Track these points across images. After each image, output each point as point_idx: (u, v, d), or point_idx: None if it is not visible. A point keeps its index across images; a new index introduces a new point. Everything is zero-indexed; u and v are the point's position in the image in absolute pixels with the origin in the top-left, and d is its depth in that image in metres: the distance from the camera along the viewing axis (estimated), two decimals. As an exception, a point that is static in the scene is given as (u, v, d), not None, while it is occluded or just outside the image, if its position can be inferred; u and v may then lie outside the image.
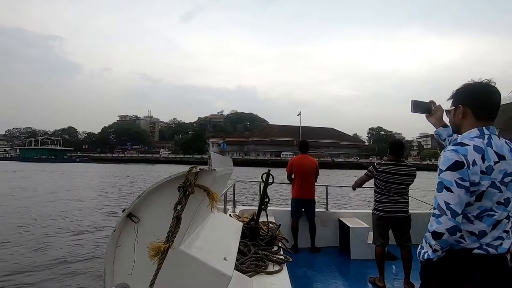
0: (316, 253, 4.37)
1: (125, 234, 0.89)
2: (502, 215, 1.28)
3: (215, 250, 1.07)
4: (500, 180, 1.27)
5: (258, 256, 2.53)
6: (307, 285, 3.34)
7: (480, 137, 1.32)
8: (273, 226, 3.43)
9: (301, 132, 54.91)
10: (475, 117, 1.37)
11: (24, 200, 12.68)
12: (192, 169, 0.87)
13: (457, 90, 1.45)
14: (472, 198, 1.26)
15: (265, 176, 3.17)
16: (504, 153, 1.30)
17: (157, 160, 76.02)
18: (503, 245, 1.27)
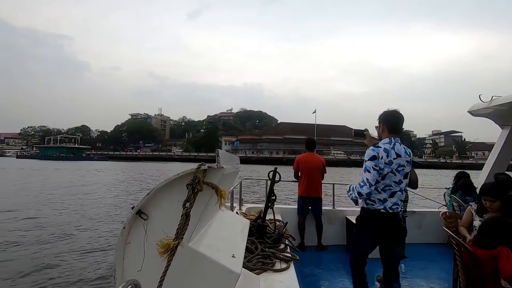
0: (323, 251, 4.34)
1: (134, 231, 0.89)
2: (396, 189, 2.27)
3: (223, 247, 1.06)
4: (395, 169, 2.25)
5: (265, 254, 2.52)
6: (314, 283, 3.31)
7: (388, 143, 2.30)
8: (279, 224, 3.41)
9: (316, 130, 54.14)
10: (388, 131, 2.35)
11: (57, 196, 12.86)
12: (201, 166, 0.86)
13: (380, 114, 2.43)
14: (379, 177, 2.24)
15: (272, 174, 3.15)
16: (401, 153, 2.28)
17: (170, 158, 76.24)
18: (398, 208, 2.29)
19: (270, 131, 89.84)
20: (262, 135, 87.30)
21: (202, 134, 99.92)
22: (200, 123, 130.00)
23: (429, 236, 4.63)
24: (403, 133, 2.57)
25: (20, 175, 24.43)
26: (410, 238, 4.41)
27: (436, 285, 3.34)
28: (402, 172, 2.27)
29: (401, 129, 2.39)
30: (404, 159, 2.29)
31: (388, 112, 2.40)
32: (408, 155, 2.33)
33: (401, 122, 2.39)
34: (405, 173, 2.30)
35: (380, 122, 2.41)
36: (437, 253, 4.29)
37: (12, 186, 16.37)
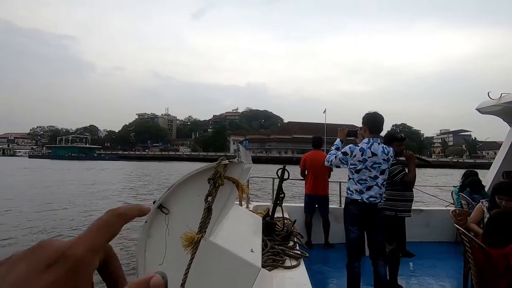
0: (330, 249, 4.31)
1: (155, 225, 0.89)
2: (373, 183, 2.55)
3: (242, 242, 1.06)
4: (370, 166, 2.54)
5: (275, 251, 2.51)
6: (323, 280, 3.30)
7: (367, 143, 2.59)
8: (287, 221, 3.40)
9: (326, 130, 53.49)
10: (369, 131, 2.63)
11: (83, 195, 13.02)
12: (221, 161, 0.86)
13: (363, 116, 2.69)
14: (353, 171, 2.60)
15: (281, 172, 3.14)
16: (377, 152, 2.55)
17: (179, 158, 75.55)
18: (375, 200, 2.56)
19: (279, 131, 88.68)
20: (270, 135, 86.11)
21: (210, 134, 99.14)
22: (206, 123, 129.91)
23: (437, 234, 4.58)
24: (412, 133, 2.69)
25: (49, 174, 24.64)
26: (418, 237, 4.38)
27: (446, 283, 3.30)
28: (378, 169, 2.55)
29: (380, 129, 2.66)
30: (381, 157, 2.55)
31: (369, 114, 2.66)
32: (386, 154, 2.57)
33: (381, 122, 2.65)
34: (381, 170, 2.56)
35: (362, 123, 2.68)
36: (445, 251, 4.24)
37: (48, 184, 16.59)
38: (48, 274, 0.21)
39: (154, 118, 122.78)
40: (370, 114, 2.66)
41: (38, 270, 0.21)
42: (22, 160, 62.57)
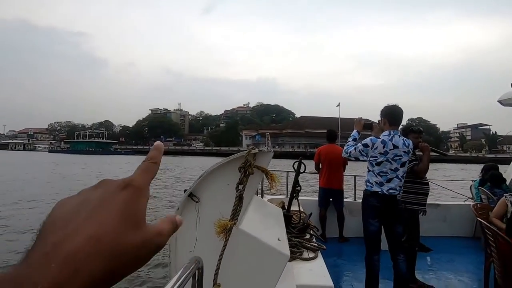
0: (344, 243, 4.29)
1: (186, 213, 0.90)
2: (393, 175, 2.54)
3: (268, 230, 1.06)
4: (391, 158, 2.52)
5: (292, 243, 2.51)
6: (339, 273, 3.29)
7: (387, 135, 2.58)
8: (303, 214, 3.40)
9: (339, 124, 52.38)
10: (389, 124, 2.61)
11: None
12: (251, 150, 0.86)
13: (382, 109, 2.68)
14: (374, 163, 2.57)
15: (297, 165, 3.13)
16: (398, 145, 2.54)
17: (193, 152, 75.88)
18: (395, 192, 2.54)
19: (291, 125, 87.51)
20: (283, 129, 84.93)
21: (223, 129, 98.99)
22: (218, 118, 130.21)
23: (455, 229, 4.48)
24: (429, 127, 2.66)
25: (78, 169, 25.34)
26: (435, 231, 4.29)
27: (465, 277, 3.23)
28: (399, 161, 2.55)
29: (400, 122, 2.66)
30: (402, 150, 2.54)
31: (389, 107, 2.66)
32: (406, 146, 2.57)
33: (401, 115, 2.66)
34: (402, 162, 2.56)
35: (382, 116, 2.67)
36: (463, 246, 4.15)
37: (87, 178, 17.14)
38: (123, 193, 0.27)
39: (167, 113, 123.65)
40: (389, 106, 2.66)
41: (115, 191, 0.28)
42: (44, 154, 64.56)
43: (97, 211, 0.26)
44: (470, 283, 3.13)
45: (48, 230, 0.24)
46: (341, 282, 3.07)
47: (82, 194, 0.28)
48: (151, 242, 0.27)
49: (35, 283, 0.21)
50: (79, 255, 0.23)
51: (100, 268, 0.23)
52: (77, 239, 0.23)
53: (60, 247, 0.23)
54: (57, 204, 0.27)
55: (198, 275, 0.68)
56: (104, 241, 0.24)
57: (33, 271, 0.21)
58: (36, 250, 0.23)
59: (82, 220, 0.25)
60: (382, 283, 2.69)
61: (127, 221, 0.26)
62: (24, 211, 8.26)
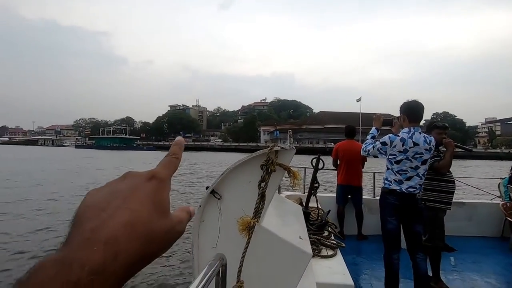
0: (363, 241, 4.21)
1: (208, 210, 0.91)
2: (413, 173, 2.45)
3: (289, 228, 1.05)
4: (412, 156, 2.43)
5: (311, 240, 2.48)
6: (358, 271, 3.24)
7: (407, 132, 2.47)
8: (321, 211, 3.36)
9: (361, 119, 50.60)
10: (408, 121, 2.50)
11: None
12: (273, 147, 0.85)
13: (401, 105, 2.57)
14: (393, 162, 2.49)
15: (315, 161, 3.08)
16: (419, 142, 2.42)
17: (212, 148, 75.97)
18: (415, 191, 2.46)
19: (310, 121, 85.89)
20: (301, 125, 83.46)
21: (241, 124, 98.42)
22: (235, 113, 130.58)
23: (481, 228, 4.27)
24: (455, 122, 2.55)
25: (110, 163, 26.39)
26: (460, 231, 4.11)
27: (492, 279, 3.08)
28: (420, 159, 2.45)
29: (420, 118, 2.55)
30: (423, 147, 2.44)
31: (408, 103, 2.55)
32: (428, 143, 2.46)
33: (421, 111, 2.54)
34: (423, 160, 2.46)
35: (401, 112, 2.57)
36: (490, 247, 3.95)
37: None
38: (150, 183, 0.30)
39: (185, 110, 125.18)
40: (409, 102, 2.56)
41: (142, 181, 0.30)
42: (71, 150, 67.38)
43: (128, 200, 0.28)
44: (497, 285, 2.98)
45: (83, 218, 0.26)
46: (360, 281, 3.01)
47: (110, 185, 0.30)
48: (175, 229, 0.31)
49: (83, 264, 0.23)
50: (118, 239, 0.25)
51: (135, 251, 0.26)
52: (114, 225, 0.25)
53: (98, 233, 0.25)
54: (87, 195, 0.29)
55: (222, 272, 0.68)
56: (138, 227, 0.27)
57: (78, 254, 0.23)
58: (75, 236, 0.25)
59: (115, 208, 0.27)
60: (403, 282, 2.62)
61: (156, 209, 0.29)
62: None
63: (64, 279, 0.22)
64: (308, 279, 1.37)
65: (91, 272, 0.23)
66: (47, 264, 0.22)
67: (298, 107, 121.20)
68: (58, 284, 0.21)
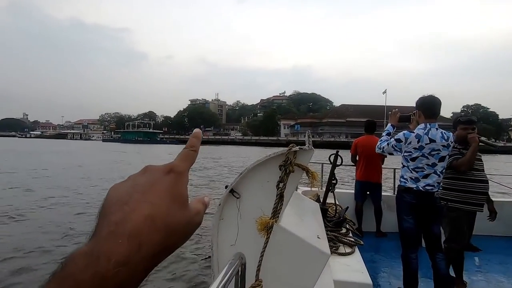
0: (382, 238, 4.12)
1: (227, 209, 0.92)
2: (430, 171, 2.35)
3: (307, 227, 1.05)
4: (428, 153, 2.33)
5: (328, 237, 2.46)
6: (376, 269, 3.18)
7: (423, 128, 2.38)
8: (339, 208, 3.31)
9: (386, 112, 48.86)
10: (424, 116, 2.41)
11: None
12: (292, 148, 0.84)
13: (416, 101, 2.49)
14: (408, 159, 2.40)
15: (333, 157, 3.03)
16: (436, 139, 2.33)
17: (232, 142, 75.28)
18: (432, 189, 2.35)
19: (331, 114, 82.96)
20: (322, 118, 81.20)
21: (261, 118, 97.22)
22: (254, 107, 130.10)
23: (509, 228, 4.05)
24: (488, 114, 2.42)
25: (139, 156, 27.39)
26: (485, 230, 3.91)
27: None
28: (437, 156, 2.35)
29: (437, 114, 2.45)
30: (440, 144, 2.34)
31: (423, 98, 2.46)
32: (445, 140, 2.36)
33: (437, 106, 2.44)
34: (441, 157, 2.36)
35: (416, 108, 2.48)
36: None
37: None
38: (168, 177, 0.30)
39: (205, 104, 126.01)
40: (424, 97, 2.47)
41: (161, 175, 0.30)
42: (99, 143, 69.91)
43: (148, 193, 0.29)
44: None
45: (108, 211, 0.27)
46: (378, 279, 2.96)
47: (131, 179, 0.31)
48: (194, 220, 0.31)
49: (109, 257, 0.24)
50: (141, 232, 0.26)
51: (157, 243, 0.27)
52: (136, 219, 0.26)
53: (122, 226, 0.26)
54: (110, 189, 0.30)
55: (241, 271, 0.69)
56: (158, 220, 0.27)
57: (104, 247, 0.24)
58: (101, 228, 0.26)
59: (136, 202, 0.27)
60: (424, 282, 2.55)
61: (175, 202, 0.29)
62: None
63: (93, 271, 0.23)
64: (326, 277, 1.36)
65: (117, 264, 0.24)
66: (77, 257, 0.24)
67: (317, 100, 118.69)
68: (88, 276, 0.23)
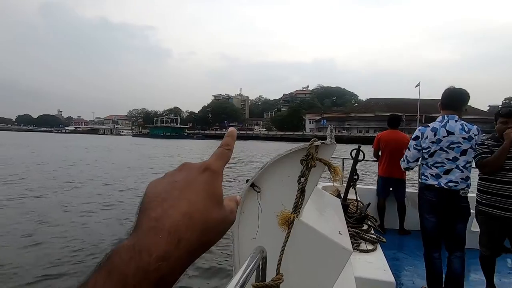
0: (405, 236, 3.96)
1: (248, 202, 0.91)
2: (452, 166, 2.19)
3: (328, 223, 1.02)
4: (446, 146, 2.20)
5: (349, 234, 2.41)
6: (399, 267, 3.07)
7: (440, 121, 2.28)
8: (360, 204, 3.22)
9: (419, 106, 46.33)
10: (441, 107, 2.33)
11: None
12: (313, 142, 0.81)
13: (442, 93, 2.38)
14: (427, 155, 2.28)
15: (355, 153, 2.94)
16: (454, 131, 2.19)
17: (257, 137, 75.14)
18: (456, 186, 2.18)
19: (359, 108, 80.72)
20: (349, 113, 78.88)
21: (285, 113, 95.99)
22: (277, 102, 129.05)
23: None
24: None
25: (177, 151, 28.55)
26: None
27: None
28: (457, 149, 2.20)
29: (459, 106, 2.29)
30: (460, 136, 2.20)
31: (447, 90, 2.35)
32: (466, 132, 2.20)
33: (459, 98, 2.30)
34: (462, 150, 2.20)
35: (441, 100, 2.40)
36: None
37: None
38: (204, 175, 0.31)
39: (228, 99, 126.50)
40: (448, 89, 2.36)
41: (197, 173, 0.31)
42: (130, 138, 72.42)
43: (186, 191, 0.29)
44: None
45: (147, 207, 0.28)
46: (401, 277, 2.85)
47: (169, 176, 0.31)
48: (228, 218, 0.32)
49: (150, 251, 0.24)
50: (179, 228, 0.26)
51: (195, 239, 0.27)
52: (174, 215, 0.27)
53: (161, 222, 0.26)
54: (149, 185, 0.30)
55: (262, 265, 0.68)
56: (196, 217, 0.28)
57: (145, 241, 0.25)
58: (142, 224, 0.27)
59: (174, 199, 0.28)
60: None
61: (211, 199, 0.30)
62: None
63: (136, 265, 0.24)
64: (347, 273, 1.33)
65: (158, 258, 0.24)
66: (121, 250, 0.24)
67: (342, 94, 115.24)
68: (132, 268, 0.23)
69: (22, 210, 6.28)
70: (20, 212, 6.12)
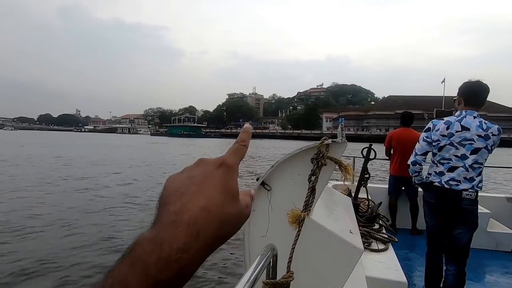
0: (417, 236, 3.86)
1: (258, 201, 0.91)
2: (458, 164, 2.00)
3: (339, 222, 1.01)
4: (458, 142, 2.01)
5: (360, 233, 2.37)
6: (411, 267, 2.99)
7: (457, 116, 2.08)
8: (372, 203, 3.16)
9: (444, 103, 44.98)
10: (464, 104, 2.11)
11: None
12: (324, 141, 0.80)
13: (459, 86, 2.15)
14: (436, 149, 2.10)
15: (366, 151, 2.89)
16: (470, 127, 2.00)
17: (273, 136, 73.83)
18: (458, 186, 2.00)
19: (378, 106, 78.88)
20: (367, 111, 76.82)
21: (301, 111, 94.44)
22: (291, 100, 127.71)
23: None
24: None
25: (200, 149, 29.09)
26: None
27: None
28: (469, 147, 2.00)
29: (481, 102, 2.11)
30: (475, 133, 1.99)
31: (467, 84, 2.15)
32: (483, 130, 1.99)
33: (481, 94, 2.10)
34: (474, 148, 1.99)
35: (458, 94, 2.17)
36: None
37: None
38: (220, 170, 0.31)
39: (243, 97, 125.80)
40: (468, 83, 2.13)
41: (213, 168, 0.31)
42: (148, 137, 72.83)
43: (203, 186, 0.30)
44: None
45: (167, 201, 0.28)
46: (413, 278, 2.78)
47: (186, 171, 0.32)
48: (244, 212, 0.32)
49: (170, 243, 0.25)
50: (198, 222, 0.27)
51: (213, 232, 0.28)
52: (193, 209, 0.27)
53: (181, 215, 0.27)
54: (168, 179, 0.31)
55: (273, 262, 0.68)
56: (213, 211, 0.28)
57: (166, 234, 0.26)
58: (162, 217, 0.27)
59: (193, 194, 0.29)
60: None
61: (227, 194, 0.30)
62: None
63: (158, 256, 0.25)
64: (358, 273, 1.30)
65: (178, 250, 0.25)
66: (143, 242, 0.25)
67: (358, 92, 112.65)
68: (154, 259, 0.24)
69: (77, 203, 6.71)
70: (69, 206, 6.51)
